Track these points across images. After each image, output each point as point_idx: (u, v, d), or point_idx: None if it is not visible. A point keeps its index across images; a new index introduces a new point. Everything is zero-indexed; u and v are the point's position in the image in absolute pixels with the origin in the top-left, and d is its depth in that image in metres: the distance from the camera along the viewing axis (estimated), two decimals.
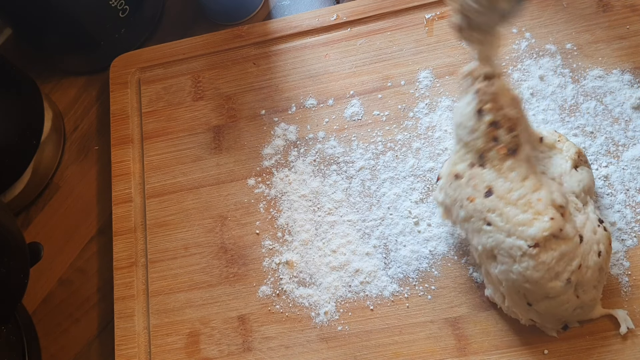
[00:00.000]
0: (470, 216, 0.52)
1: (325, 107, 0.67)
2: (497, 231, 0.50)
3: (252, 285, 0.61)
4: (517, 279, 0.50)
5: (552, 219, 0.48)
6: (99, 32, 0.74)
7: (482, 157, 0.51)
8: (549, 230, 0.48)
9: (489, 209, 0.50)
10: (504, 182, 0.50)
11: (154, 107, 0.72)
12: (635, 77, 0.62)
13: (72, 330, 0.66)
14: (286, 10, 0.78)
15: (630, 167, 0.59)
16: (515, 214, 0.49)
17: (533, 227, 0.48)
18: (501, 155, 0.51)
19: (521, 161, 0.51)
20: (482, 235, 0.52)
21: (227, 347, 0.59)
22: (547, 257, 0.48)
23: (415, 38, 0.69)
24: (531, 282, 0.49)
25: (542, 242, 0.48)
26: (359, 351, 0.57)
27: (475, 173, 0.52)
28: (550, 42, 0.65)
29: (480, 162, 0.52)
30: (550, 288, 0.49)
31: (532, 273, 0.49)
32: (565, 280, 0.49)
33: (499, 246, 0.50)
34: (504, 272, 0.51)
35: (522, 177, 0.50)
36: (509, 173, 0.50)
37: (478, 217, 0.51)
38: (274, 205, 0.64)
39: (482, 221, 0.51)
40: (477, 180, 0.51)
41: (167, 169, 0.68)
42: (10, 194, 0.69)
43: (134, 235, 0.65)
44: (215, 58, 0.73)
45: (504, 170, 0.51)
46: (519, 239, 0.49)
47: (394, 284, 0.59)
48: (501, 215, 0.50)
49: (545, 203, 0.49)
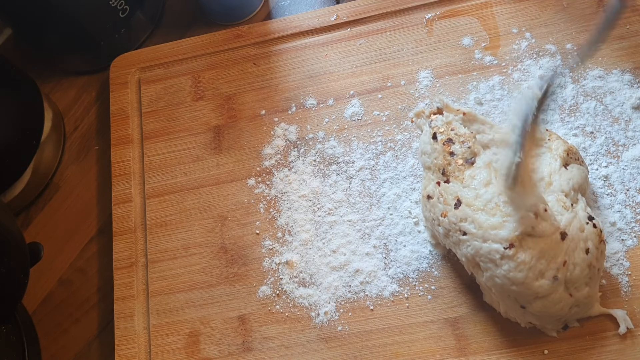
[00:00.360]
0: (448, 230, 0.54)
1: (325, 107, 0.67)
2: (473, 238, 0.51)
3: (252, 285, 0.61)
4: (503, 282, 0.50)
5: (522, 217, 0.49)
6: (99, 32, 0.74)
7: (444, 172, 0.55)
8: (519, 229, 0.49)
9: (461, 219, 0.52)
10: (468, 191, 0.52)
11: (154, 107, 0.72)
12: (635, 77, 0.62)
13: (72, 330, 0.66)
14: (286, 10, 0.78)
15: (630, 167, 0.59)
16: (485, 219, 0.51)
17: (504, 229, 0.50)
18: (459, 166, 0.54)
19: (480, 168, 0.53)
20: (461, 246, 0.53)
21: (227, 347, 0.59)
22: (525, 256, 0.49)
23: (415, 38, 0.69)
24: (517, 284, 0.49)
25: (517, 242, 0.49)
26: (359, 351, 0.57)
27: (442, 189, 0.54)
28: (550, 42, 0.65)
29: (444, 178, 0.54)
30: (537, 287, 0.49)
31: (515, 274, 0.49)
32: (552, 278, 0.49)
33: (479, 253, 0.51)
34: (490, 279, 0.51)
35: (484, 183, 0.52)
36: (472, 181, 0.53)
37: (454, 229, 0.53)
38: (274, 205, 0.64)
39: (458, 232, 0.52)
40: (445, 195, 0.54)
41: (167, 169, 0.68)
42: (10, 194, 0.69)
43: (134, 235, 0.65)
44: (215, 58, 0.73)
45: (466, 179, 0.53)
46: (494, 242, 0.50)
47: (394, 284, 0.59)
48: (473, 222, 0.51)
49: None
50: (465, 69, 0.66)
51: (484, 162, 0.53)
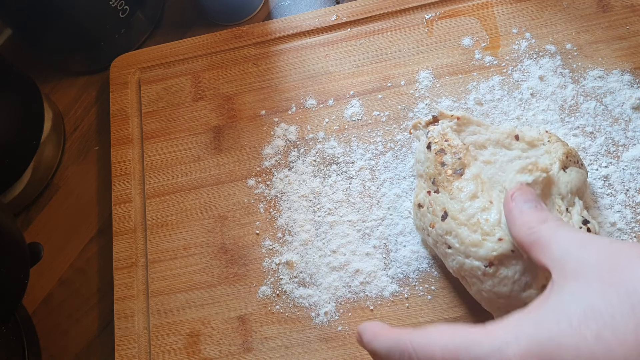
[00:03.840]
0: (435, 242, 0.54)
1: (325, 108, 0.68)
2: (457, 253, 0.51)
3: (252, 285, 0.61)
4: (489, 297, 0.50)
5: (501, 239, 0.48)
6: (99, 32, 0.74)
7: (434, 182, 0.54)
8: (497, 251, 0.48)
9: (447, 232, 0.52)
10: (455, 203, 0.52)
11: (154, 107, 0.72)
12: (635, 77, 0.62)
13: (72, 331, 0.66)
14: (286, 11, 0.78)
15: (630, 168, 0.59)
16: (467, 235, 0.50)
17: (483, 247, 0.49)
18: (448, 177, 0.53)
19: (468, 180, 0.52)
20: (447, 259, 0.53)
21: (227, 348, 0.59)
22: (508, 272, 0.48)
23: (415, 38, 0.69)
24: (503, 297, 0.49)
25: (497, 262, 0.48)
26: (359, 351, 0.57)
27: (432, 199, 0.54)
28: (550, 42, 0.65)
29: (435, 187, 0.54)
30: (526, 298, 0.48)
31: (500, 289, 0.49)
32: (540, 287, 0.48)
33: (463, 267, 0.51)
34: (477, 292, 0.51)
35: (470, 196, 0.52)
36: (459, 193, 0.52)
37: (441, 242, 0.53)
38: (274, 205, 0.64)
39: (444, 245, 0.52)
40: (434, 205, 0.53)
41: (167, 169, 0.68)
42: (10, 194, 0.69)
43: (134, 236, 0.65)
44: (215, 58, 0.73)
45: (454, 190, 0.53)
46: (474, 259, 0.49)
47: (394, 284, 0.59)
48: (457, 237, 0.51)
49: (492, 224, 0.49)
50: (465, 69, 0.66)
51: (473, 174, 0.53)
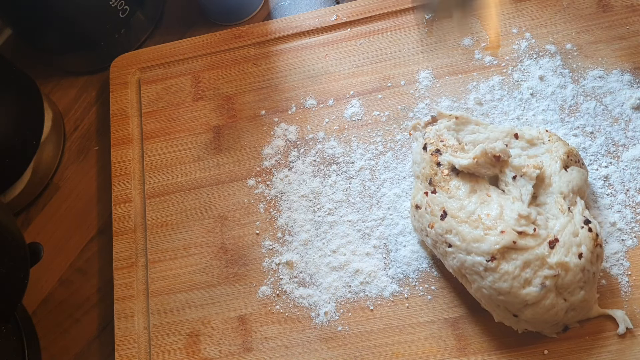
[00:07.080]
0: (435, 242, 0.54)
1: (325, 108, 0.67)
2: (458, 251, 0.51)
3: (252, 285, 0.61)
4: (490, 293, 0.50)
5: (503, 232, 0.49)
6: (99, 32, 0.74)
7: (431, 182, 0.55)
8: (500, 243, 0.49)
9: (447, 230, 0.52)
10: (454, 202, 0.53)
11: (154, 107, 0.72)
12: (635, 77, 0.62)
13: (72, 330, 0.66)
14: (286, 11, 0.78)
15: (630, 168, 0.59)
16: (468, 231, 0.51)
17: (485, 242, 0.50)
18: (445, 177, 0.54)
19: (465, 178, 0.53)
20: (448, 258, 0.53)
21: (227, 348, 0.59)
22: (508, 266, 0.49)
23: (415, 38, 0.69)
24: (504, 294, 0.50)
25: (499, 255, 0.49)
26: (359, 351, 0.57)
27: (429, 199, 0.54)
28: (550, 42, 0.65)
29: (431, 188, 0.55)
30: (525, 295, 0.49)
31: (500, 284, 0.49)
32: (540, 285, 0.49)
33: (464, 265, 0.51)
34: (477, 290, 0.52)
35: (467, 194, 0.52)
36: (456, 192, 0.53)
37: (441, 241, 0.53)
38: (274, 205, 0.64)
39: (444, 244, 0.53)
40: (432, 205, 0.54)
41: (167, 169, 0.68)
42: (10, 194, 0.69)
43: (134, 236, 0.65)
44: (215, 58, 0.73)
45: (452, 189, 0.53)
46: (476, 255, 0.50)
47: (394, 284, 0.59)
48: (457, 235, 0.51)
49: (493, 217, 0.51)
50: (465, 69, 0.66)
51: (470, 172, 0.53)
